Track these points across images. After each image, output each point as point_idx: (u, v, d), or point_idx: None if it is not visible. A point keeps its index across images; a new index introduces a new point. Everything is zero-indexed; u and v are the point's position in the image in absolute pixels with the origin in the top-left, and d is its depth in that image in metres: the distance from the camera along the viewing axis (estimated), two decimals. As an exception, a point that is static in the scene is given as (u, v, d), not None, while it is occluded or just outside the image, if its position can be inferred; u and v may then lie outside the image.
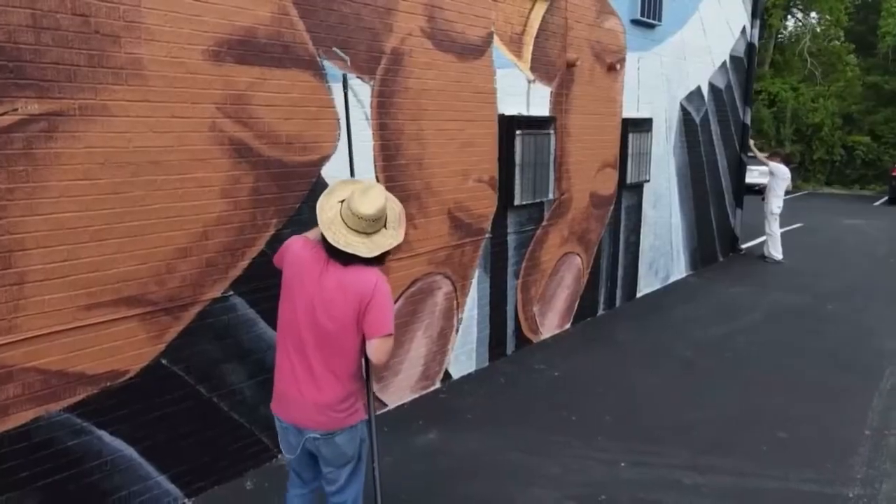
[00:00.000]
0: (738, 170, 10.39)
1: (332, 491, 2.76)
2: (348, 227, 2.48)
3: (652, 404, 5.13)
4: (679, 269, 9.03)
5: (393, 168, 4.60)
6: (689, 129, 8.67)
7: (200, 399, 3.66)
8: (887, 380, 5.68)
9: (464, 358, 5.52)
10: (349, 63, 4.11)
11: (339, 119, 4.16)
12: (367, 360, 2.65)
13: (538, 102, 5.88)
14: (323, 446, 2.61)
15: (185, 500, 3.65)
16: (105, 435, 3.28)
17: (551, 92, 6.02)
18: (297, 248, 2.62)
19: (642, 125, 7.46)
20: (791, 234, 13.07)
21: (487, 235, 5.54)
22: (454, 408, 5.00)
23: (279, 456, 4.14)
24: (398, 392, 4.94)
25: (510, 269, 5.88)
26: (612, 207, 7.25)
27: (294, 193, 3.97)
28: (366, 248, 2.48)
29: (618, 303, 7.67)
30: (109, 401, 3.27)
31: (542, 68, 5.85)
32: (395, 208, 2.64)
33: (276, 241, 3.88)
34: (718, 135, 9.55)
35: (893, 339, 6.72)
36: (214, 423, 3.75)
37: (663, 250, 8.50)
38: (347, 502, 2.75)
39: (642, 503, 3.82)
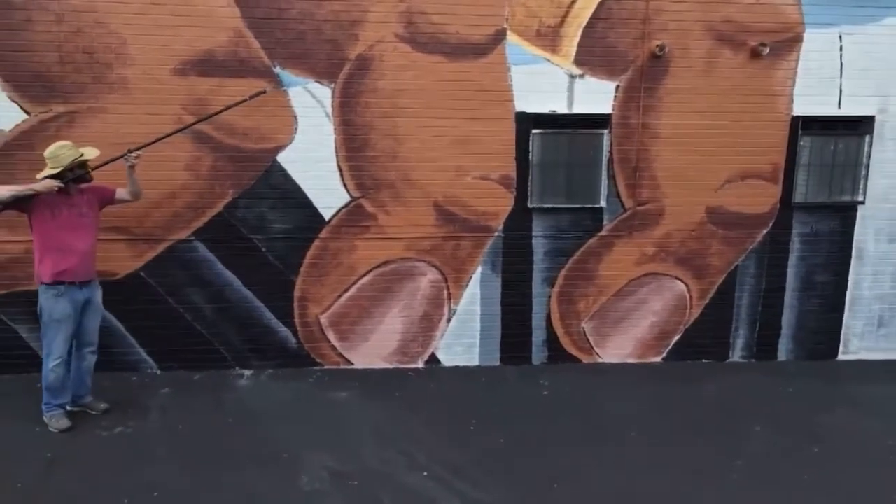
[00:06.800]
0: None
1: None
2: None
3: (575, 456, 4.34)
4: (978, 343, 6.01)
5: (360, 159, 5.27)
6: None
7: (168, 305, 5.35)
8: None
9: (460, 349, 5.64)
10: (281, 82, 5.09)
11: (296, 116, 5.17)
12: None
13: (591, 99, 5.32)
14: None
15: (156, 371, 5.43)
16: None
17: (618, 87, 5.31)
18: None
19: (849, 126, 5.48)
20: None
21: (497, 234, 5.47)
22: (401, 386, 5.34)
23: (236, 368, 5.52)
24: (367, 357, 5.59)
25: (538, 275, 5.57)
26: (765, 231, 5.65)
27: (249, 172, 5.22)
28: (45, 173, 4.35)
29: (782, 355, 5.88)
30: (105, 290, 5.25)
31: (597, 61, 5.26)
32: (71, 156, 4.37)
33: (234, 207, 5.28)
34: None
35: None
36: (179, 326, 5.39)
37: (921, 307, 5.90)
38: (42, 348, 4.31)
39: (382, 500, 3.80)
